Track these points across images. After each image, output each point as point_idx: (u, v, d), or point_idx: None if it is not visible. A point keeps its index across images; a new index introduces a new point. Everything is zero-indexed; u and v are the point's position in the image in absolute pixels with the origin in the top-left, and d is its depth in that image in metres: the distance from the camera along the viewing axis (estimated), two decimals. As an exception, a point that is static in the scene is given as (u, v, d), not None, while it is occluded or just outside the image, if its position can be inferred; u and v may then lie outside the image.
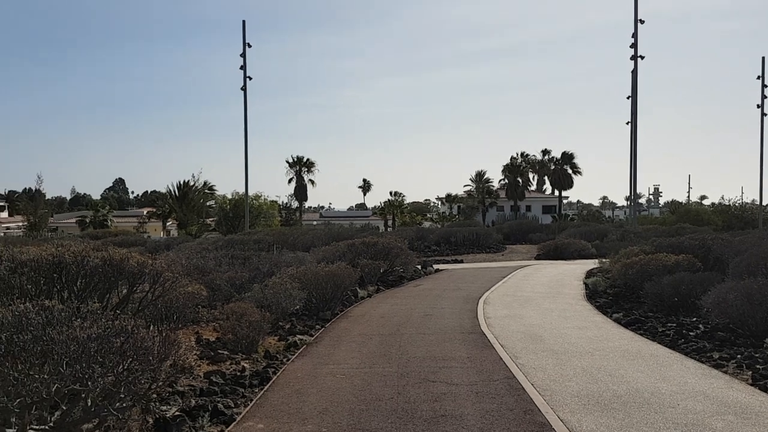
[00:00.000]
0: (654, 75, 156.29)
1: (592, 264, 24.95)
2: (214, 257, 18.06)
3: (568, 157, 71.07)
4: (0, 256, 6.46)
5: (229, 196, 57.57)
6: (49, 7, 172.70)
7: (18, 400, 4.76)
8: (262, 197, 58.89)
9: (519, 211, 71.03)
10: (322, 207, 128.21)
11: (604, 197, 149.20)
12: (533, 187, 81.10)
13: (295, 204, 70.91)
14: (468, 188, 73.74)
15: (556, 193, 73.77)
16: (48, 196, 70.64)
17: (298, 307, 13.56)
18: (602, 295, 17.10)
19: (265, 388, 8.47)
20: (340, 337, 11.93)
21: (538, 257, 31.51)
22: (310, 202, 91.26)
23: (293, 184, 67.41)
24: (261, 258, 18.27)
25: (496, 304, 15.93)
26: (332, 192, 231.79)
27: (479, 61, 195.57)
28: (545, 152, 75.18)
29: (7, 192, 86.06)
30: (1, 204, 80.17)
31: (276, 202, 66.66)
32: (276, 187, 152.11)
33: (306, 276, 14.38)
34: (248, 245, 23.12)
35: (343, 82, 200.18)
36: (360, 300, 16.67)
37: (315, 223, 68.21)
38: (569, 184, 71.32)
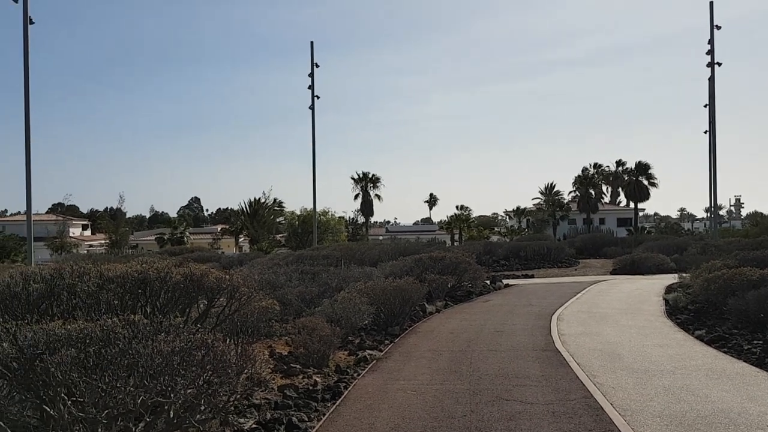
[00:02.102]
0: (733, 82, 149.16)
1: (671, 279, 23.88)
2: (285, 272, 18.45)
3: (643, 168, 68.77)
4: (89, 272, 6.84)
5: (298, 213, 58.79)
6: (126, 33, 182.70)
7: (106, 412, 4.98)
8: (330, 213, 59.89)
9: (592, 224, 69.07)
10: (388, 222, 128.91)
11: (683, 209, 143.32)
12: (607, 200, 78.79)
13: (361, 219, 71.74)
14: (537, 201, 72.42)
15: (632, 205, 71.46)
16: (128, 215, 74.36)
17: (366, 321, 13.62)
18: (683, 312, 16.35)
19: (337, 402, 8.52)
20: (410, 352, 11.88)
21: (613, 272, 30.45)
22: (376, 217, 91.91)
23: (359, 199, 68.34)
24: (330, 273, 18.52)
25: (570, 320, 15.47)
26: (398, 207, 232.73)
27: (548, 72, 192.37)
28: (619, 163, 73.08)
29: (90, 211, 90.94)
30: (85, 223, 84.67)
31: (343, 217, 67.62)
32: (342, 203, 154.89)
33: (374, 291, 14.44)
34: (317, 260, 23.50)
35: (408, 96, 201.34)
36: (428, 315, 16.57)
37: (381, 238, 68.48)
38: (645, 196, 68.92)
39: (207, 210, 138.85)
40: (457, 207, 73.68)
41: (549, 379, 9.51)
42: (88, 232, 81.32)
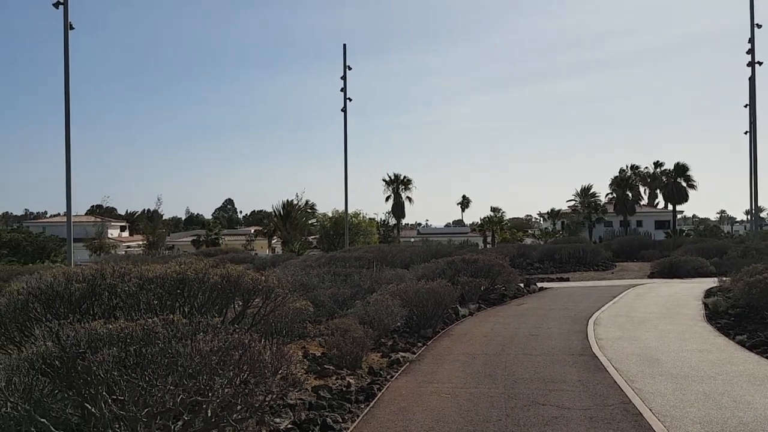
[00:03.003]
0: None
1: (711, 283, 23.31)
2: (317, 274, 18.53)
3: (681, 169, 67.34)
4: (129, 273, 6.98)
5: (330, 215, 59.08)
6: (163, 39, 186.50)
7: (146, 410, 5.06)
8: (361, 215, 60.02)
9: (629, 226, 67.78)
10: (419, 224, 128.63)
11: (722, 211, 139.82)
12: (644, 201, 77.29)
13: (392, 221, 71.69)
14: (572, 203, 71.37)
15: (670, 207, 69.97)
16: (165, 217, 75.76)
17: (399, 324, 13.59)
18: (723, 316, 15.93)
19: (371, 404, 8.52)
20: (443, 355, 11.81)
21: (651, 275, 29.85)
22: (408, 219, 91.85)
23: (391, 201, 68.35)
24: (362, 275, 18.53)
25: (607, 324, 15.20)
26: (429, 208, 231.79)
27: (582, 72, 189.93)
28: (657, 164, 71.69)
29: (127, 213, 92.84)
30: (123, 224, 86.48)
31: (374, 219, 67.68)
32: (374, 205, 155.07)
33: (406, 293, 14.40)
34: (349, 262, 23.54)
35: (440, 98, 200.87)
36: (461, 318, 16.46)
37: (413, 240, 68.44)
38: (683, 198, 67.46)
39: (241, 212, 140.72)
40: (490, 209, 72.86)
41: (586, 384, 9.35)
42: (126, 234, 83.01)
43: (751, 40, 42.01)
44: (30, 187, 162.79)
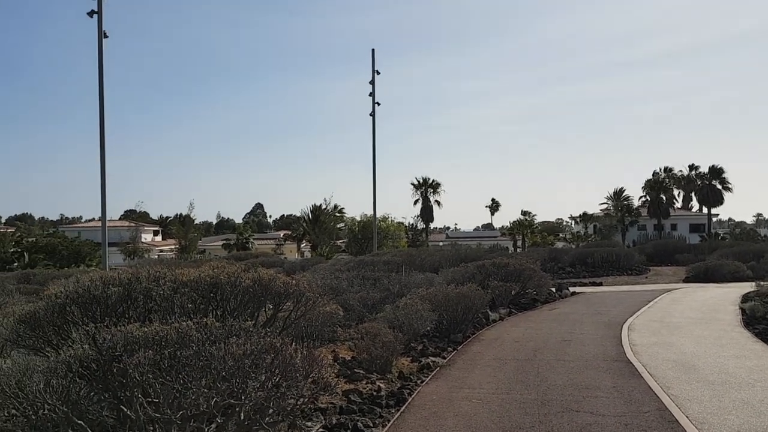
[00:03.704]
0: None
1: (748, 287, 22.70)
2: (346, 278, 18.57)
3: (716, 172, 65.92)
4: (164, 277, 7.08)
5: (358, 218, 59.19)
6: (193, 47, 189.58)
7: (180, 413, 5.11)
8: (389, 219, 60.02)
9: (663, 230, 66.47)
10: (448, 227, 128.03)
11: (759, 214, 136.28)
12: (678, 205, 75.76)
13: (421, 225, 71.54)
14: (605, 206, 70.30)
15: (704, 210, 68.49)
16: (196, 221, 76.79)
17: (429, 328, 13.52)
18: (761, 321, 15.50)
19: (401, 409, 8.48)
20: (474, 360, 11.71)
21: (686, 280, 29.23)
22: (436, 223, 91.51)
23: (419, 205, 68.26)
24: (391, 279, 18.51)
25: (642, 330, 14.91)
26: (458, 212, 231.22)
27: (613, 73, 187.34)
28: (692, 167, 70.29)
29: (160, 218, 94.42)
30: (156, 229, 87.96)
31: (402, 223, 67.65)
32: (402, 209, 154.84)
33: (436, 297, 14.33)
34: (377, 266, 23.52)
35: (468, 101, 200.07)
36: (492, 323, 16.31)
37: (441, 243, 68.14)
38: (719, 201, 66.03)
39: (270, 216, 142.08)
40: (520, 212, 72.25)
41: (621, 391, 9.18)
42: (158, 238, 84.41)
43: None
44: (65, 192, 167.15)
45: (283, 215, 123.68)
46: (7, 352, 7.69)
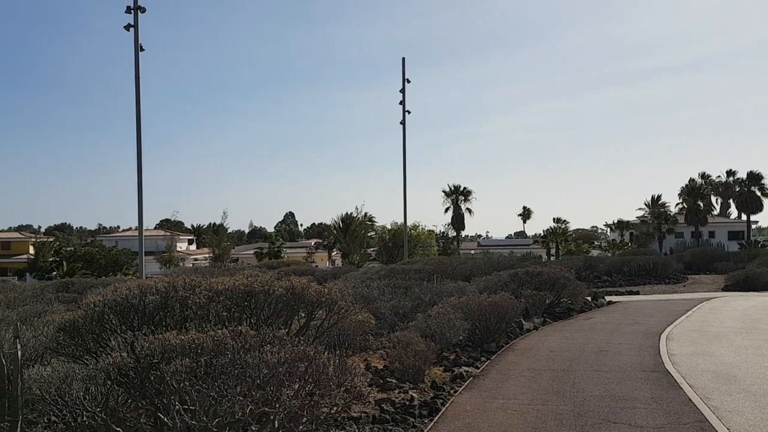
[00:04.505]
0: None
1: (791, 296, 22.04)
2: (378, 286, 18.56)
3: (755, 178, 64.27)
4: (199, 285, 7.18)
5: (389, 227, 59.25)
6: (226, 58, 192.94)
7: (216, 420, 5.15)
8: (420, 227, 59.91)
9: (701, 237, 64.91)
10: (480, 236, 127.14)
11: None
12: (716, 212, 74.00)
13: (452, 233, 71.19)
14: (641, 213, 69.03)
15: (743, 217, 66.76)
16: (229, 230, 77.79)
17: (461, 337, 13.42)
18: (807, 332, 15.00)
19: (435, 419, 8.41)
20: (508, 370, 11.57)
21: (725, 288, 28.49)
22: (468, 231, 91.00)
23: (450, 213, 67.83)
24: (422, 287, 18.43)
25: (680, 340, 14.56)
26: (490, 220, 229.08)
27: (647, 79, 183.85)
28: (729, 173, 68.70)
29: (194, 227, 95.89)
30: (190, 238, 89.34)
31: (433, 231, 67.42)
32: (433, 217, 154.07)
33: (468, 306, 14.21)
34: (408, 274, 23.48)
35: (500, 108, 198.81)
36: (526, 332, 16.10)
37: (473, 252, 67.72)
38: (758, 208, 64.32)
39: (301, 225, 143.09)
40: (554, 220, 71.15)
41: (659, 402, 8.97)
42: (193, 247, 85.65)
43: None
44: (103, 202, 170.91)
45: (314, 224, 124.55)
46: (47, 359, 7.87)
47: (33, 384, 6.20)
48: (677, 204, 69.32)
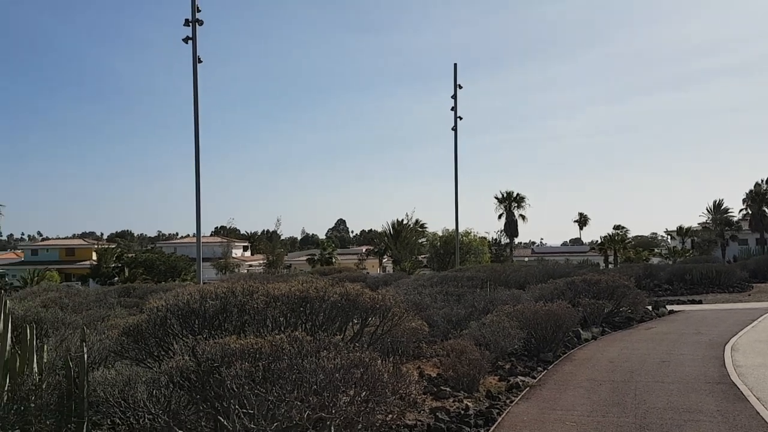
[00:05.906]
0: None
1: None
2: (430, 293, 18.45)
3: (825, 182, 60.98)
4: (257, 291, 7.30)
5: (440, 233, 58.89)
6: (280, 69, 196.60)
7: (275, 425, 5.21)
8: (472, 233, 59.32)
9: (766, 244, 62.05)
10: (534, 243, 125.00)
11: None
12: (782, 218, 70.49)
13: (505, 240, 70.26)
14: (703, 220, 66.54)
15: (812, 223, 63.39)
16: (282, 237, 79.04)
17: (516, 346, 13.18)
18: None
19: (491, 429, 8.29)
20: (566, 381, 11.30)
21: (793, 298, 27.07)
22: (521, 238, 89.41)
23: (503, 219, 66.99)
24: (475, 295, 18.22)
25: (746, 350, 13.91)
26: (544, 227, 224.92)
27: (706, 82, 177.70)
28: (796, 177, 65.37)
29: (248, 233, 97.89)
30: (245, 244, 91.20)
31: (485, 238, 66.64)
32: (485, 223, 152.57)
33: (524, 314, 13.96)
34: (461, 282, 23.24)
35: (554, 113, 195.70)
36: (584, 342, 15.69)
37: (527, 259, 66.59)
38: (828, 213, 60.95)
39: (352, 231, 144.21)
40: (613, 227, 69.27)
41: (725, 415, 8.59)
42: (247, 253, 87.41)
43: None
44: (162, 210, 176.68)
45: (364, 230, 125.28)
46: (111, 362, 8.13)
47: (98, 386, 6.40)
48: (741, 210, 66.55)
